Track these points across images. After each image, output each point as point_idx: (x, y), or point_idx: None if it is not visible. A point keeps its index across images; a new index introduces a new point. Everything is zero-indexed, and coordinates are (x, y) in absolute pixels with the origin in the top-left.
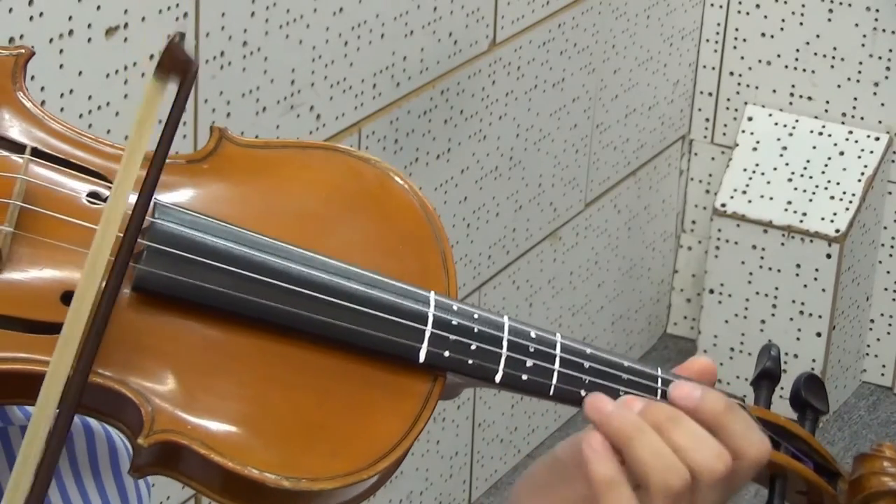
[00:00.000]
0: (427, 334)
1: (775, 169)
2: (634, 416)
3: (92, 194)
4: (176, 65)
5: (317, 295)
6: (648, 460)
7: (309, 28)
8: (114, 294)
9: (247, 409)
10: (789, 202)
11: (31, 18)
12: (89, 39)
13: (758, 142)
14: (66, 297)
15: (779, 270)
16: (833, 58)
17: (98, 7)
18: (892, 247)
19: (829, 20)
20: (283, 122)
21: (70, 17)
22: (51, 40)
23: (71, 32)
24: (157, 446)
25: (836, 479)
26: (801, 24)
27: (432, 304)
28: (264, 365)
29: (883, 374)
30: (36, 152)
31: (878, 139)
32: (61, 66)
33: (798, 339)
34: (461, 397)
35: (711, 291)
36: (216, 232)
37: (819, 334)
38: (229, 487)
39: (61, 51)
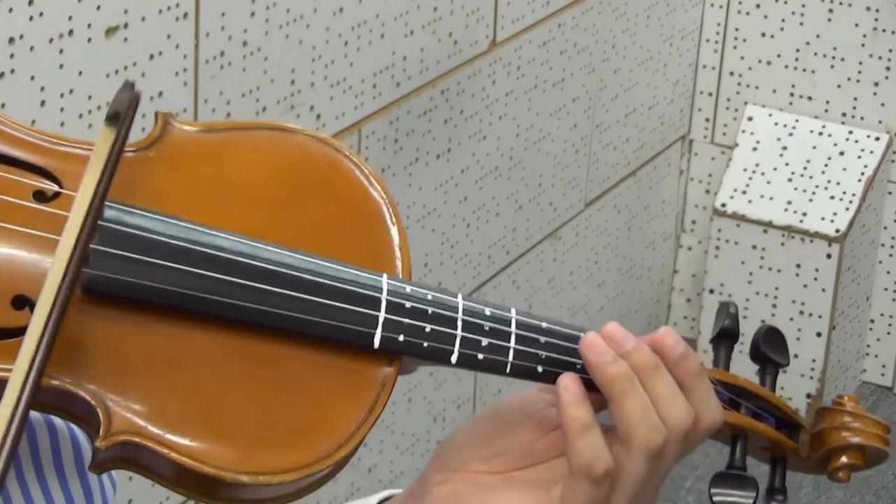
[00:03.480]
0: (381, 319)
1: (775, 169)
2: (628, 367)
3: (37, 194)
4: (121, 104)
5: (266, 287)
6: (638, 416)
7: (309, 28)
8: (65, 301)
9: (202, 406)
10: (789, 202)
11: (31, 18)
12: (89, 39)
13: (758, 142)
14: (17, 301)
15: (779, 270)
16: (833, 58)
17: (98, 7)
18: (892, 247)
19: (829, 20)
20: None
21: (70, 17)
22: (51, 40)
23: (71, 32)
24: (116, 447)
25: (798, 431)
26: (801, 24)
27: (385, 288)
28: (218, 359)
29: (883, 374)
30: None
31: (878, 139)
32: (61, 66)
33: (798, 339)
34: (462, 396)
35: (711, 291)
36: (163, 229)
37: (819, 334)
38: (188, 482)
39: (61, 51)
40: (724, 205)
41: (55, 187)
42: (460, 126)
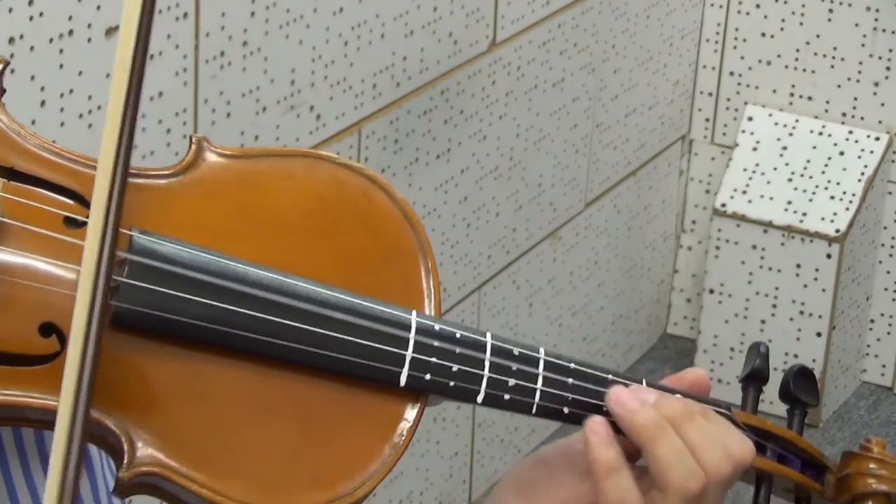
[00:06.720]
0: (408, 359)
1: (775, 169)
2: (658, 414)
3: (68, 220)
4: None
5: (293, 323)
6: (672, 461)
7: (309, 28)
8: (97, 339)
9: (226, 441)
10: (789, 202)
11: (31, 18)
12: (89, 39)
13: (758, 142)
14: (44, 328)
15: (779, 270)
16: (833, 58)
17: (98, 7)
18: (892, 247)
19: (829, 20)
20: (283, 122)
21: (70, 17)
22: (51, 40)
23: (71, 32)
24: (139, 477)
25: (823, 473)
26: (801, 24)
27: (413, 327)
28: (244, 394)
29: (883, 374)
30: (14, 174)
31: (878, 139)
32: (61, 66)
33: (798, 339)
34: None
35: (711, 291)
36: (193, 263)
37: (819, 334)
38: None
39: (61, 51)
40: (724, 205)
41: (85, 211)
42: (460, 126)
